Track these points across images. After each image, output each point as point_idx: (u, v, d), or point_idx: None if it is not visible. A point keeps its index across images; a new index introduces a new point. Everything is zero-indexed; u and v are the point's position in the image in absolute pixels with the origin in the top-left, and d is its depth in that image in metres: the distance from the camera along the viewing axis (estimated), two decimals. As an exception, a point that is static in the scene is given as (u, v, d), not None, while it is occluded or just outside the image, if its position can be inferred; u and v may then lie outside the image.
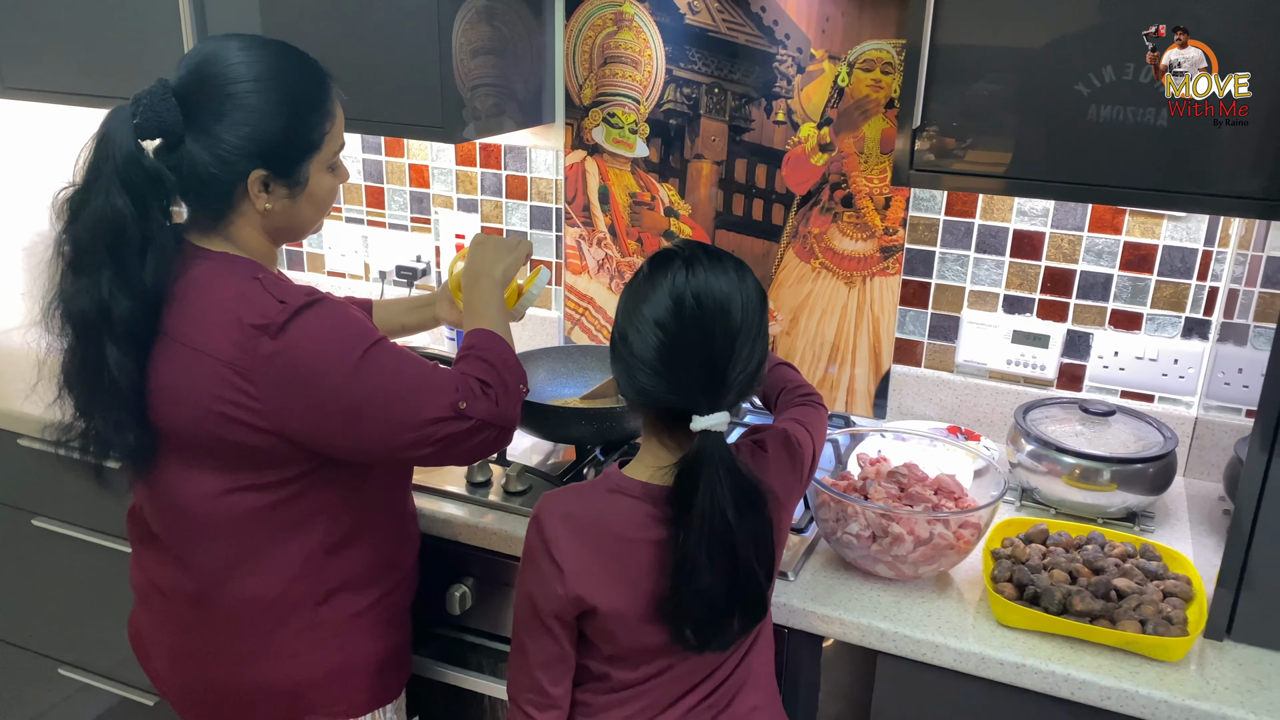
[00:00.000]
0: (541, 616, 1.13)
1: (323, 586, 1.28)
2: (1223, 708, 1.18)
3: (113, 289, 1.14)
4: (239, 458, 1.19)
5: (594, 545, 1.11)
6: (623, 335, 1.09)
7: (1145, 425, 1.64)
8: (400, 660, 1.42)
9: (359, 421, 1.18)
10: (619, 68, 1.96)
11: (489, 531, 1.53)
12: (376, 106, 1.78)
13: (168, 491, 1.24)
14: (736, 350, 1.06)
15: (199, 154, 1.15)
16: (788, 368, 1.43)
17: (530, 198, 2.12)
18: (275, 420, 1.16)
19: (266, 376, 1.14)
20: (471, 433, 1.23)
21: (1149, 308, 1.72)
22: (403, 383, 1.19)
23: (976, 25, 1.38)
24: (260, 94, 1.16)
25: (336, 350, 1.16)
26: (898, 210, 1.82)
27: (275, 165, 1.19)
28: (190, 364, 1.16)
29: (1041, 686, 1.25)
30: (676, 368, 1.05)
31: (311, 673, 1.30)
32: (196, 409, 1.17)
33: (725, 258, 1.10)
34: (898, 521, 1.35)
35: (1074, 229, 1.72)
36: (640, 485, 1.12)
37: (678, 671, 1.15)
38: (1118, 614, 1.28)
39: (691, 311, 1.05)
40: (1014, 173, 1.41)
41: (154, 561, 1.32)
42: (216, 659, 1.29)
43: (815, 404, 1.35)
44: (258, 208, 1.20)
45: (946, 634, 1.30)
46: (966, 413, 1.86)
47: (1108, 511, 1.57)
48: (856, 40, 1.77)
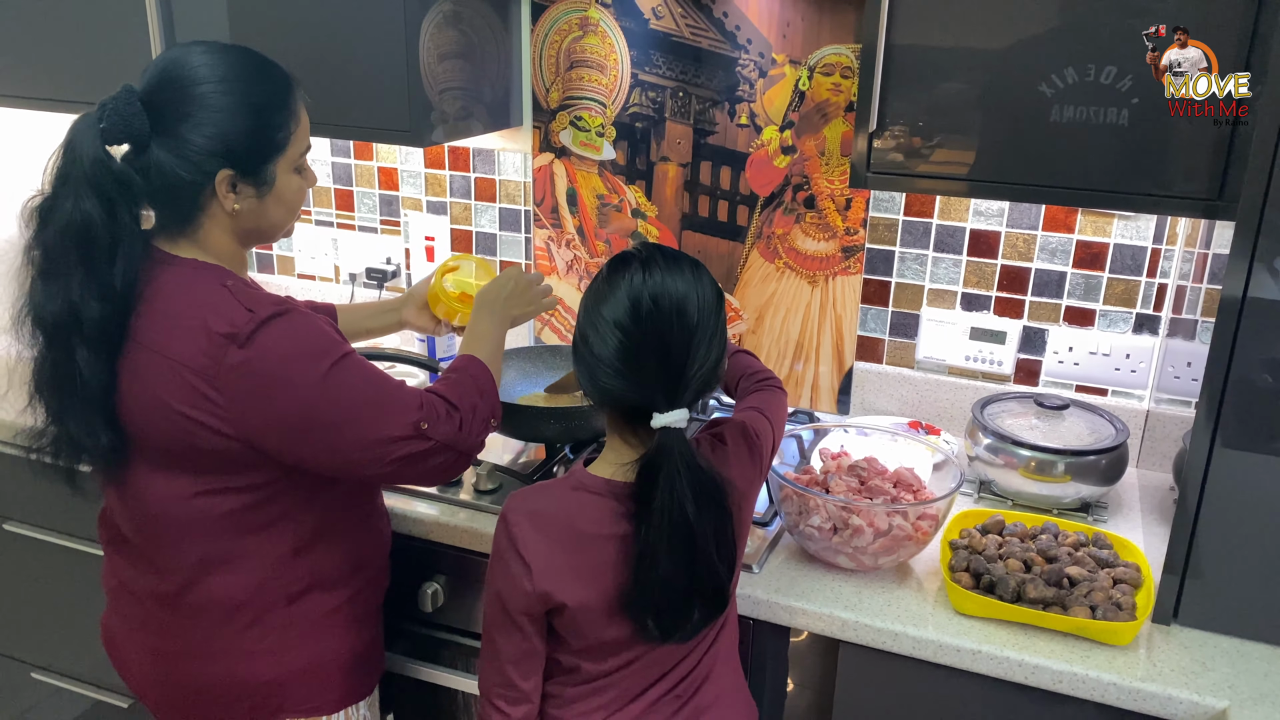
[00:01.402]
0: (511, 613, 1.15)
1: (294, 585, 1.30)
2: (1168, 689, 1.23)
3: (83, 292, 1.15)
4: (208, 461, 1.21)
5: (560, 542, 1.14)
6: (583, 337, 1.12)
7: (1098, 418, 1.69)
8: (373, 657, 1.44)
9: (319, 435, 1.20)
10: (585, 72, 1.98)
11: (460, 529, 1.56)
12: (345, 111, 1.80)
13: (138, 494, 1.26)
14: (694, 349, 1.09)
15: (166, 157, 1.17)
16: (746, 355, 1.46)
17: (499, 200, 2.14)
18: (240, 427, 1.18)
19: (233, 385, 1.16)
20: (430, 454, 1.24)
21: (1101, 304, 1.77)
22: (366, 399, 1.21)
23: (932, 28, 1.41)
24: (224, 95, 1.18)
25: (303, 363, 1.18)
26: (858, 211, 1.86)
27: (241, 165, 1.20)
28: (158, 370, 1.17)
29: (997, 672, 1.29)
30: (636, 367, 1.08)
31: (285, 671, 1.32)
32: (165, 414, 1.18)
33: (681, 258, 1.13)
34: (858, 514, 1.39)
35: (1029, 228, 1.77)
36: (604, 482, 1.15)
37: (645, 662, 1.19)
38: (1069, 601, 1.32)
39: (649, 312, 1.08)
40: (972, 174, 1.46)
41: (125, 563, 1.34)
42: (189, 658, 1.31)
43: (773, 387, 1.38)
44: (226, 208, 1.21)
45: (905, 623, 1.34)
46: (927, 408, 1.91)
47: (1062, 502, 1.62)
48: (816, 45, 1.81)
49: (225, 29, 1.82)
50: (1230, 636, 1.33)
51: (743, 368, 1.42)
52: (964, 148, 1.45)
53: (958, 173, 1.46)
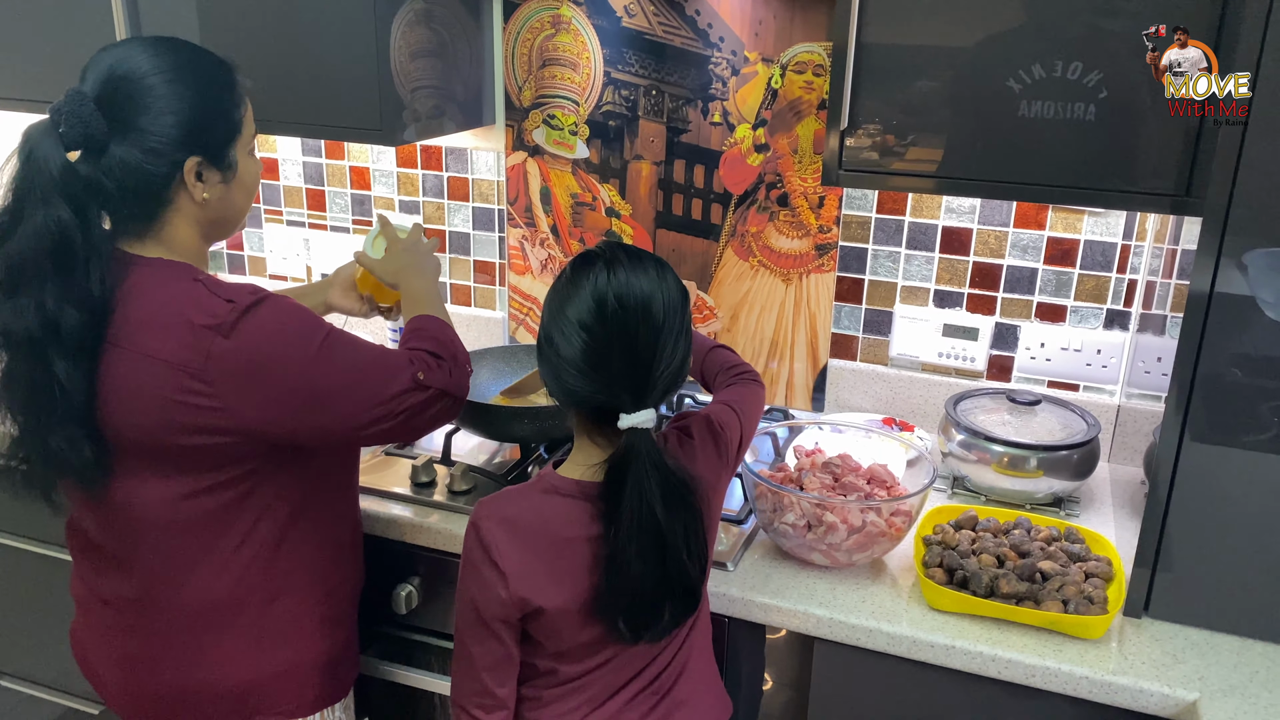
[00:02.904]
0: (486, 621, 1.14)
1: (270, 587, 1.29)
2: (1140, 681, 1.24)
3: (59, 303, 1.13)
4: (189, 459, 1.19)
5: (534, 547, 1.13)
6: (548, 338, 1.11)
7: (1070, 413, 1.70)
8: (348, 658, 1.43)
9: (325, 407, 1.21)
10: (558, 70, 1.98)
11: (434, 531, 1.55)
12: (316, 110, 1.78)
13: (114, 500, 1.23)
14: (660, 348, 1.08)
15: (129, 153, 1.15)
16: (724, 350, 1.44)
17: (472, 199, 2.13)
18: (234, 417, 1.16)
19: (222, 375, 1.15)
20: (430, 402, 1.26)
21: (1072, 300, 1.78)
22: (363, 364, 1.23)
23: (903, 26, 1.42)
24: (177, 82, 1.18)
25: (295, 342, 1.18)
26: (831, 209, 1.86)
27: (207, 150, 1.20)
28: (139, 369, 1.15)
29: (970, 667, 1.30)
30: (601, 368, 1.07)
31: (260, 673, 1.31)
32: (148, 414, 1.16)
33: (646, 257, 1.13)
34: (831, 511, 1.39)
35: (1000, 225, 1.78)
36: (575, 484, 1.14)
37: (620, 661, 1.18)
38: (1042, 595, 1.33)
39: (614, 312, 1.07)
40: (944, 172, 1.46)
41: (96, 570, 1.32)
42: (163, 664, 1.29)
43: (748, 380, 1.37)
44: (196, 198, 1.21)
45: (880, 619, 1.34)
46: (901, 404, 1.91)
47: (1035, 497, 1.63)
48: (788, 43, 1.81)
49: (194, 26, 1.80)
50: (1200, 629, 1.34)
51: (720, 363, 1.42)
52: (935, 145, 1.45)
53: (929, 170, 1.47)
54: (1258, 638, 1.33)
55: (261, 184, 2.30)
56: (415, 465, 1.66)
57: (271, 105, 1.80)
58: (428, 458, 1.68)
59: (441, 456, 1.71)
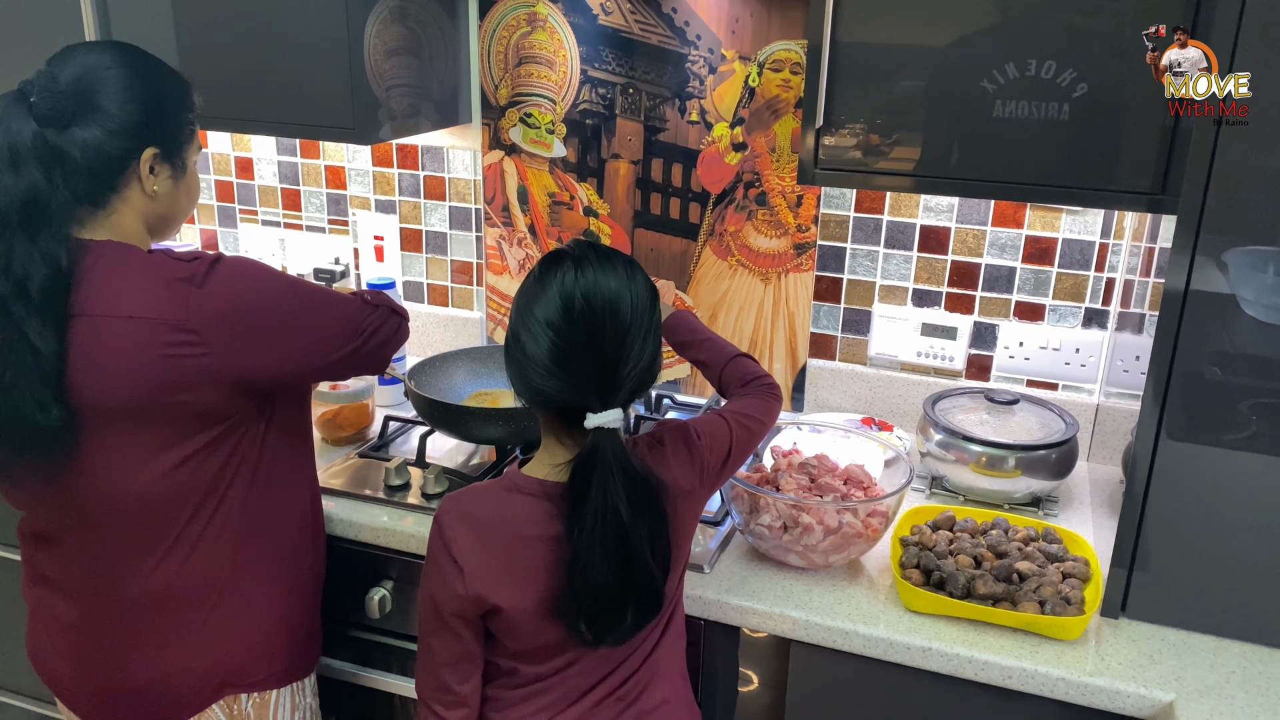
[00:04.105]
0: (444, 616, 1.13)
1: (237, 563, 1.29)
2: (1116, 682, 1.23)
3: (26, 261, 1.15)
4: (168, 421, 1.21)
5: (493, 544, 1.12)
6: (515, 336, 1.10)
7: (1048, 413, 1.70)
8: (315, 628, 1.44)
9: (305, 336, 1.28)
10: (534, 68, 1.96)
11: (407, 535, 1.53)
12: (289, 109, 1.77)
13: (81, 482, 1.22)
14: (627, 348, 1.07)
15: (90, 133, 1.19)
16: (744, 359, 1.40)
17: (449, 198, 2.11)
18: (222, 361, 1.20)
19: (205, 323, 1.18)
20: (383, 320, 1.37)
21: (1051, 299, 1.77)
22: (326, 295, 1.33)
23: (878, 25, 1.41)
24: (141, 78, 1.23)
25: (264, 283, 1.25)
26: (809, 208, 1.85)
27: (164, 143, 1.25)
28: (119, 333, 1.16)
29: (947, 669, 1.29)
30: (568, 367, 1.06)
31: (229, 650, 1.31)
32: (133, 378, 1.17)
33: (615, 256, 1.11)
34: (807, 512, 1.38)
35: (978, 224, 1.77)
36: (538, 483, 1.13)
37: (585, 664, 1.17)
38: (1019, 596, 1.32)
39: (581, 311, 1.06)
40: (921, 170, 1.45)
41: (57, 566, 1.30)
42: (128, 656, 1.28)
43: (760, 391, 1.34)
44: (146, 189, 1.24)
45: (856, 620, 1.33)
46: (880, 404, 1.90)
47: (1013, 497, 1.63)
48: (766, 41, 1.80)
49: (168, 25, 1.78)
50: (1177, 629, 1.34)
51: (738, 373, 1.38)
52: (912, 144, 1.44)
53: (905, 169, 1.46)
54: (1234, 637, 1.32)
55: (236, 183, 2.28)
56: (389, 468, 1.64)
57: (245, 104, 1.80)
58: (401, 460, 1.66)
59: (416, 459, 1.69)
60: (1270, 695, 1.22)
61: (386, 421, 1.83)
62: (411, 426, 1.84)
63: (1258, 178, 1.18)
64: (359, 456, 1.74)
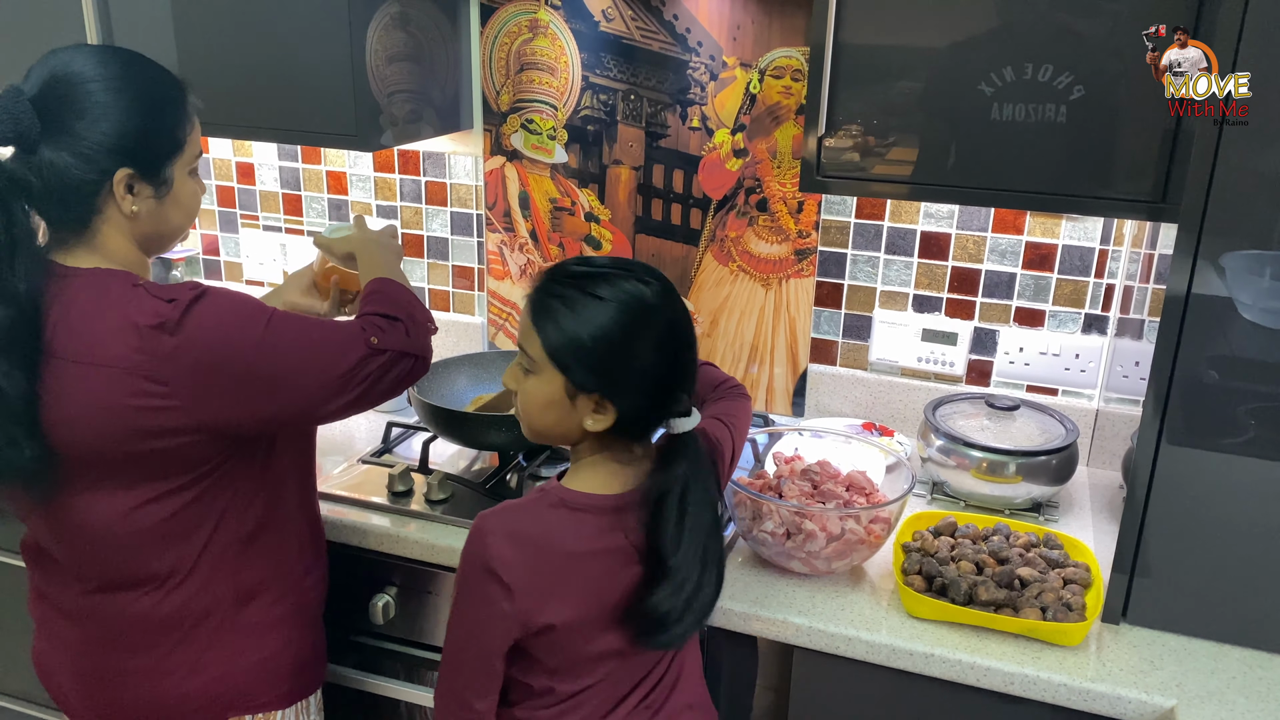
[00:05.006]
0: (483, 638, 1.13)
1: (238, 591, 1.28)
2: (1118, 688, 1.24)
3: None
4: (153, 467, 1.17)
5: (544, 562, 1.11)
6: (624, 365, 1.11)
7: (1049, 418, 1.70)
8: (319, 654, 1.42)
9: (282, 389, 1.19)
10: (536, 74, 1.97)
11: (411, 541, 1.53)
12: (291, 115, 1.77)
13: (70, 516, 1.21)
14: (693, 357, 1.15)
15: (59, 156, 1.13)
16: (709, 366, 1.46)
17: (450, 204, 2.12)
18: (193, 414, 1.15)
19: (176, 373, 1.13)
20: (389, 365, 1.25)
21: (1051, 305, 1.78)
22: (314, 340, 1.21)
23: (881, 28, 1.41)
24: (120, 91, 1.15)
25: (241, 328, 1.16)
26: (810, 214, 1.86)
27: (140, 163, 1.17)
28: (91, 380, 1.13)
29: (949, 675, 1.29)
30: (675, 378, 1.12)
31: (232, 674, 1.29)
32: (102, 425, 1.14)
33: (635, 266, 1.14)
34: (810, 518, 1.39)
35: (979, 230, 1.78)
36: (587, 496, 1.13)
37: (617, 676, 1.18)
38: (1020, 602, 1.33)
39: (685, 325, 1.14)
40: (921, 178, 1.46)
41: (56, 586, 1.29)
42: (130, 677, 1.27)
43: (737, 395, 1.40)
44: (124, 210, 1.18)
45: (859, 627, 1.34)
46: (881, 409, 1.91)
47: (1014, 503, 1.63)
48: (767, 47, 1.80)
49: (168, 31, 1.78)
50: (1178, 634, 1.34)
51: (708, 379, 1.42)
52: (913, 148, 1.45)
53: (907, 175, 1.46)
54: (1235, 643, 1.33)
55: (238, 188, 2.28)
56: (392, 474, 1.64)
57: (246, 110, 1.80)
58: (405, 466, 1.66)
59: (419, 465, 1.70)
60: (1271, 701, 1.23)
61: (389, 427, 1.83)
62: (414, 432, 1.84)
63: (1257, 180, 1.19)
64: (361, 463, 1.74)
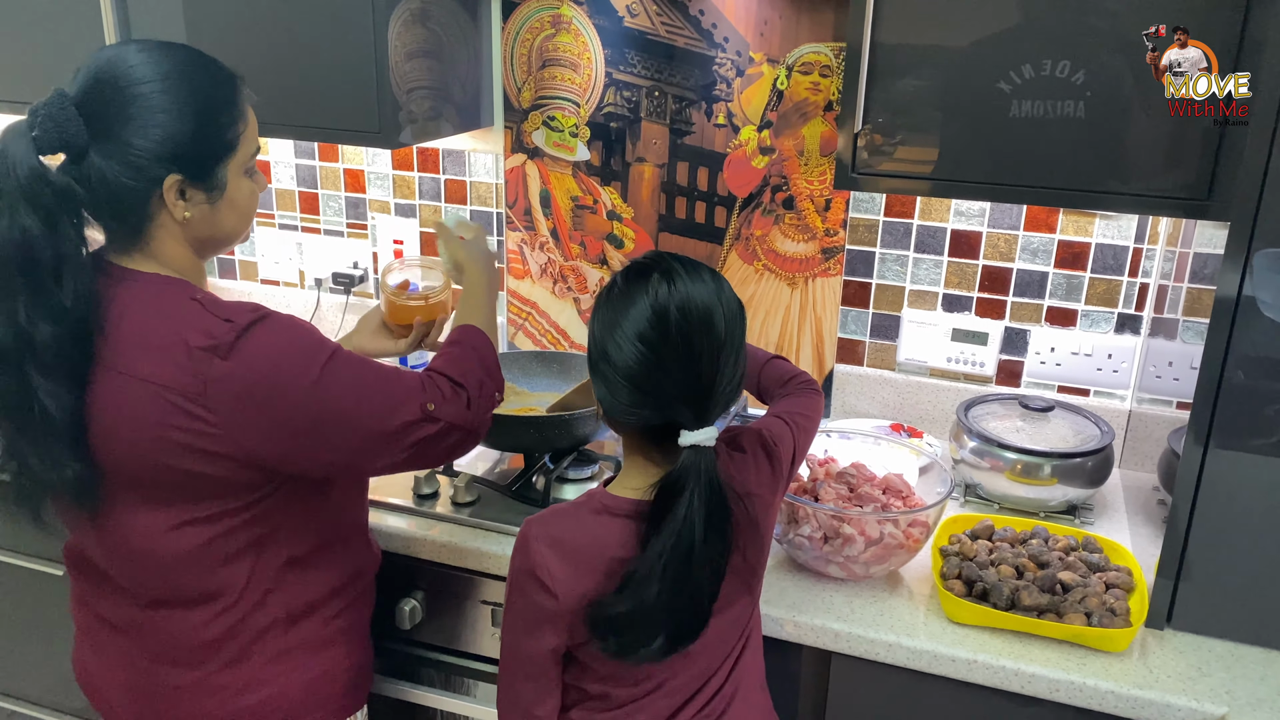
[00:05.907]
0: (533, 645, 1.11)
1: (291, 608, 1.24)
2: (1166, 696, 1.21)
3: (30, 315, 1.06)
4: (195, 488, 1.13)
5: (586, 568, 1.08)
6: (603, 354, 1.06)
7: (1083, 419, 1.68)
8: (366, 671, 1.39)
9: (326, 436, 1.14)
10: (558, 70, 1.94)
11: (437, 544, 1.51)
12: (310, 112, 1.74)
13: (118, 529, 1.17)
14: (722, 363, 1.04)
15: (107, 164, 1.09)
16: (780, 360, 1.40)
17: (470, 202, 2.09)
18: (236, 444, 1.10)
19: (221, 399, 1.08)
20: (440, 436, 1.19)
21: (1083, 304, 1.76)
22: (368, 390, 1.15)
23: (920, 25, 1.39)
24: (167, 94, 1.10)
25: (295, 364, 1.11)
26: (838, 212, 1.83)
27: (190, 169, 1.13)
28: (134, 393, 1.09)
29: (993, 681, 1.27)
30: (662, 383, 1.03)
31: (284, 693, 1.25)
32: (144, 441, 1.10)
33: (700, 267, 1.08)
34: (849, 522, 1.36)
35: (1010, 228, 1.75)
36: (629, 503, 1.09)
37: (675, 684, 1.15)
38: (1064, 607, 1.30)
39: (676, 324, 1.02)
40: (960, 175, 1.43)
41: (104, 598, 1.25)
42: (180, 693, 1.23)
43: (805, 390, 1.33)
44: (176, 216, 1.14)
45: (899, 633, 1.31)
46: (909, 410, 1.88)
47: (1049, 505, 1.61)
48: (794, 43, 1.78)
49: (182, 27, 1.75)
50: (1225, 640, 1.32)
51: (778, 374, 1.37)
52: (951, 146, 1.42)
53: (945, 172, 1.44)
54: (1284, 649, 1.31)
55: (253, 187, 2.25)
56: (417, 476, 1.61)
57: (264, 107, 1.75)
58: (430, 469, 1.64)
59: (444, 467, 1.67)
60: (1323, 708, 1.21)
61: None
62: (436, 434, 1.82)
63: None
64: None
